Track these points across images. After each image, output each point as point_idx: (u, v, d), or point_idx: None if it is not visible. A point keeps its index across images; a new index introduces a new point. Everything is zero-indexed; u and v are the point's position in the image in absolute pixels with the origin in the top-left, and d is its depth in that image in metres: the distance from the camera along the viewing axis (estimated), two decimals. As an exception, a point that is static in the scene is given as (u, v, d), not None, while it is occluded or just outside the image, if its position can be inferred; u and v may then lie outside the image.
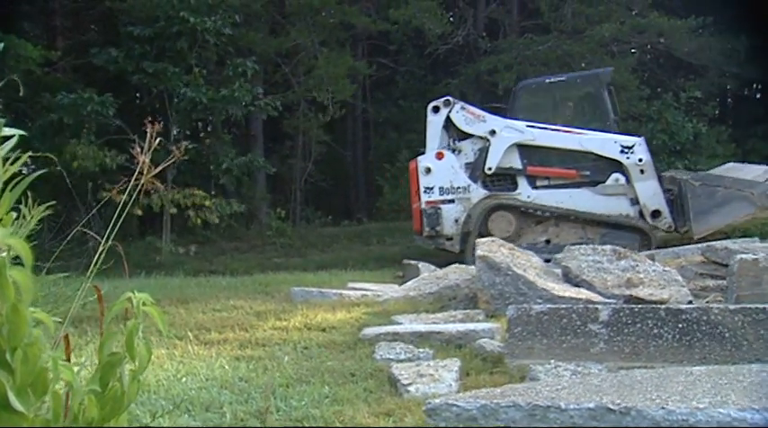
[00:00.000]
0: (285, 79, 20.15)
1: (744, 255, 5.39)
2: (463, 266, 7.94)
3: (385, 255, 16.50)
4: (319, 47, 19.26)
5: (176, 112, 16.28)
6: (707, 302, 5.82)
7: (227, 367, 4.18)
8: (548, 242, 12.26)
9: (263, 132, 21.13)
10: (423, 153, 13.01)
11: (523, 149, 12.26)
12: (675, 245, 10.48)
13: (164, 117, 16.66)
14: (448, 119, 12.68)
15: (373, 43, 24.62)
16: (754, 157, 16.99)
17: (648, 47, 19.52)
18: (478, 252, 6.29)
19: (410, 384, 3.75)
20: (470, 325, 5.30)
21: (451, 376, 3.95)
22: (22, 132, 1.67)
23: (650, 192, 11.67)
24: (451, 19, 22.00)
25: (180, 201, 15.33)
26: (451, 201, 12.49)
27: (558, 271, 6.80)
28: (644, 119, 19.57)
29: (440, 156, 12.59)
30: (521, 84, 13.94)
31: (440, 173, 12.54)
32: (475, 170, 12.48)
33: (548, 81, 13.41)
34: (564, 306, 4.66)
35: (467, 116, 12.57)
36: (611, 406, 2.98)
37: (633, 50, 19.74)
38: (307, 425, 3.12)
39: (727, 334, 4.05)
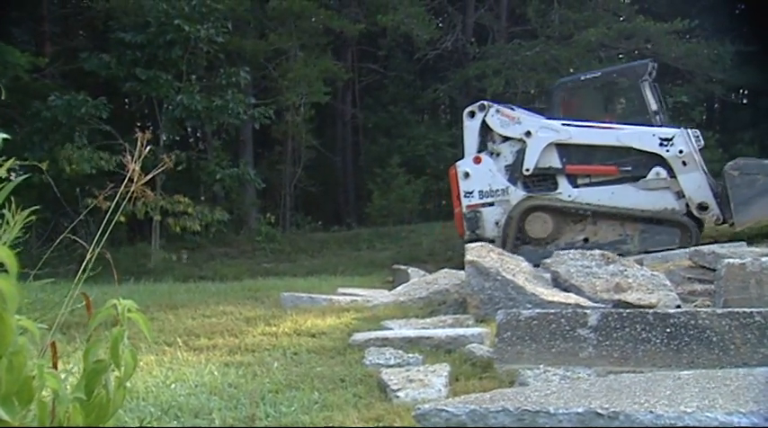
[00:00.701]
0: (274, 85, 20.15)
1: (731, 260, 5.41)
2: (453, 271, 7.93)
3: (375, 261, 16.49)
4: (299, 51, 19.27)
5: (167, 119, 16.24)
6: (695, 306, 5.84)
7: (216, 373, 4.17)
8: (586, 240, 12.08)
9: (253, 138, 21.11)
10: (462, 158, 13.01)
11: (562, 148, 12.12)
12: (712, 242, 10.40)
13: (153, 124, 16.64)
14: (484, 122, 12.68)
15: (362, 49, 24.66)
16: (741, 163, 17.04)
17: (636, 52, 19.63)
18: (467, 257, 6.30)
19: (400, 389, 3.75)
20: (460, 331, 5.30)
21: (441, 381, 3.95)
22: (5, 135, 1.66)
23: (695, 185, 11.29)
24: (440, 25, 22.06)
25: (166, 208, 15.27)
26: (491, 204, 12.49)
27: (548, 275, 6.81)
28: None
29: (477, 160, 12.61)
30: (557, 83, 13.82)
31: (478, 177, 12.56)
32: (514, 172, 12.43)
33: (582, 78, 13.19)
34: (553, 311, 4.67)
35: (502, 119, 12.54)
36: (600, 411, 2.99)
37: (620, 55, 19.84)
38: (296, 430, 3.11)
39: (714, 339, 4.06)
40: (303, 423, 3.16)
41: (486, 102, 12.99)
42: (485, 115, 12.71)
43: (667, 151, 11.32)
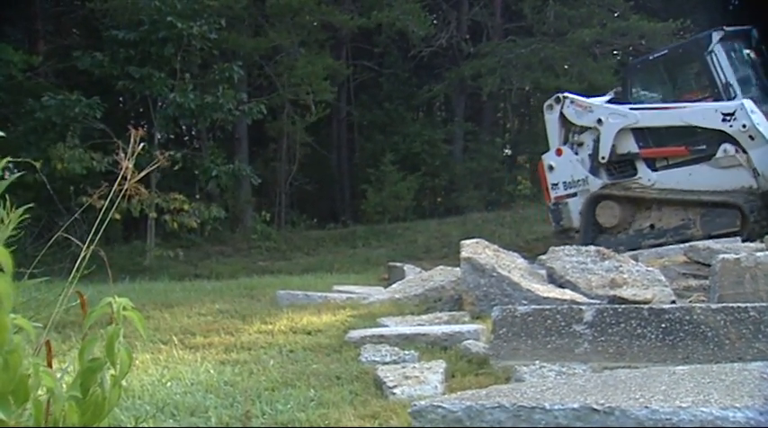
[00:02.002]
0: (269, 82, 20.12)
1: (726, 255, 5.42)
2: (449, 268, 7.93)
3: (370, 258, 16.51)
4: (299, 48, 19.25)
5: (161, 117, 16.21)
6: (690, 302, 5.85)
7: (212, 371, 4.17)
8: (652, 227, 11.96)
9: (248, 135, 21.09)
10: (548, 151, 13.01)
11: (638, 132, 11.94)
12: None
13: (147, 121, 16.61)
14: (562, 114, 12.67)
15: (357, 46, 24.64)
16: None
17: (630, 49, 19.65)
18: (463, 253, 6.30)
19: (396, 386, 3.75)
20: (456, 327, 5.30)
21: (437, 378, 3.95)
22: (1, 134, 1.66)
23: (766, 158, 10.76)
24: (435, 21, 22.05)
25: (161, 206, 15.25)
26: (574, 195, 12.55)
27: (543, 272, 6.82)
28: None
29: (559, 152, 12.69)
30: (628, 67, 13.63)
31: (561, 169, 12.64)
32: (593, 161, 12.40)
33: (651, 58, 12.81)
34: (548, 307, 4.67)
35: (577, 109, 12.49)
36: (596, 407, 2.99)
37: (615, 52, 19.87)
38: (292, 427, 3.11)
39: (709, 334, 4.07)
40: (299, 421, 3.16)
41: (561, 95, 12.92)
42: (561, 107, 12.68)
43: (731, 126, 10.83)
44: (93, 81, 16.81)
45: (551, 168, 12.74)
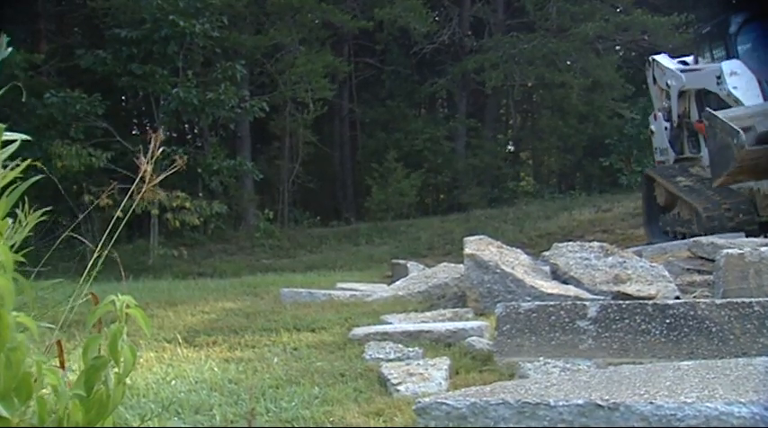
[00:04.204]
0: (271, 79, 20.14)
1: (730, 250, 5.41)
2: (452, 265, 7.92)
3: (373, 255, 16.52)
4: (299, 45, 19.25)
5: (164, 114, 16.24)
6: (694, 297, 5.84)
7: (216, 369, 4.17)
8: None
9: (251, 134, 21.11)
10: None
11: (699, 98, 10.94)
12: None
13: (150, 119, 16.64)
14: (654, 78, 12.14)
15: (359, 43, 24.63)
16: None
17: (633, 44, 19.62)
18: (466, 250, 6.29)
19: (400, 383, 3.75)
20: (459, 324, 5.30)
21: (441, 374, 3.94)
22: (26, 137, 1.67)
23: None
24: (437, 18, 22.04)
25: (164, 203, 15.27)
26: (663, 163, 11.99)
27: (546, 268, 6.81)
28: (636, 116, 19.65)
29: (655, 117, 12.13)
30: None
31: (657, 135, 12.16)
32: (670, 129, 11.73)
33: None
34: (552, 303, 4.67)
35: (658, 72, 11.82)
36: (600, 403, 2.98)
37: (618, 48, 19.85)
38: (297, 426, 3.11)
39: (714, 329, 4.06)
40: (303, 418, 3.16)
41: (651, 57, 12.25)
42: (652, 71, 12.16)
43: (721, 90, 10.02)
44: (96, 80, 16.86)
45: (652, 133, 12.28)
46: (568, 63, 18.94)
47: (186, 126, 21.92)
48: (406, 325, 5.37)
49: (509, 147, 26.67)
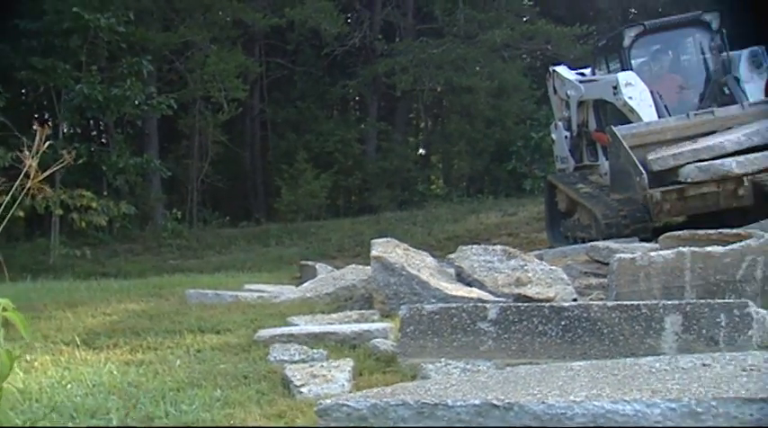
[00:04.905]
0: (180, 77, 19.79)
1: (622, 255, 5.64)
2: (360, 267, 7.97)
3: (283, 256, 16.45)
4: (210, 44, 18.99)
5: (66, 109, 15.74)
6: (590, 300, 6.06)
7: (115, 372, 4.10)
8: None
9: (158, 131, 20.69)
10: None
11: (597, 108, 11.29)
12: None
13: (52, 115, 16.10)
14: (554, 87, 12.32)
15: (270, 43, 24.44)
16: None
17: (537, 53, 20.20)
18: (373, 252, 6.36)
19: (303, 385, 3.78)
20: (365, 326, 5.35)
21: (344, 376, 3.99)
22: None
23: None
24: (348, 20, 22.10)
25: (67, 202, 14.80)
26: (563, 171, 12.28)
27: (452, 270, 6.93)
28: (535, 122, 20.18)
29: (556, 126, 12.41)
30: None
31: (557, 143, 12.44)
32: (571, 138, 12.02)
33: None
34: (454, 305, 4.78)
35: (557, 82, 12.13)
36: (496, 402, 3.09)
37: (524, 56, 20.36)
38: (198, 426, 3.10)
39: (605, 330, 4.24)
40: (204, 421, 3.15)
41: (552, 68, 12.50)
42: (552, 80, 12.45)
43: (618, 100, 10.24)
44: (-6, 72, 16.20)
45: (553, 141, 12.57)
46: (477, 69, 19.34)
47: (91, 122, 21.28)
48: (312, 327, 5.39)
49: (420, 151, 26.95)
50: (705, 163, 8.22)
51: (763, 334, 4.12)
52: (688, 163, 8.42)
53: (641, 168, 8.53)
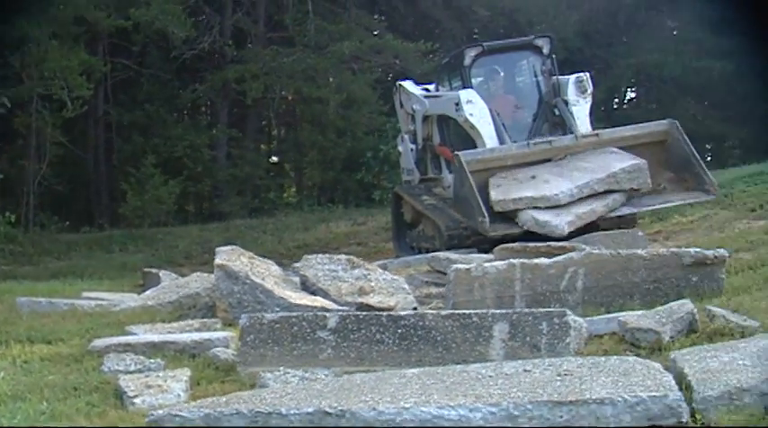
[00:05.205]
0: (15, 73, 18.70)
1: (458, 266, 5.89)
2: (205, 275, 7.86)
3: (127, 263, 15.88)
4: (50, 40, 18.06)
5: None
6: (430, 308, 6.28)
7: (-70, 387, 3.86)
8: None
9: (-9, 130, 19.48)
10: None
11: (441, 123, 11.56)
12: None
13: None
14: (401, 102, 12.51)
15: (114, 42, 23.54)
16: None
17: (386, 66, 20.66)
18: (216, 260, 6.30)
19: (136, 396, 3.71)
20: (206, 335, 5.31)
21: (180, 386, 3.95)
22: None
23: None
24: (197, 24, 21.66)
25: None
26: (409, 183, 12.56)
27: (297, 279, 6.98)
28: (384, 134, 20.59)
29: (402, 138, 12.73)
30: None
31: (404, 156, 12.69)
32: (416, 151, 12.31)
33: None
34: (295, 314, 4.83)
35: (404, 97, 12.39)
36: (329, 410, 3.17)
37: (374, 69, 20.72)
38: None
39: (439, 338, 4.42)
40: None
41: (399, 82, 12.65)
42: (398, 95, 12.58)
43: (460, 116, 10.45)
44: None
45: (400, 154, 12.72)
46: (329, 80, 19.50)
47: None
48: (151, 336, 5.29)
49: (273, 159, 26.81)
50: (541, 217, 8.73)
51: (580, 341, 4.43)
52: (527, 208, 8.93)
53: (484, 210, 8.93)
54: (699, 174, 9.29)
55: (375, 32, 19.83)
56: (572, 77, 10.48)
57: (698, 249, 5.58)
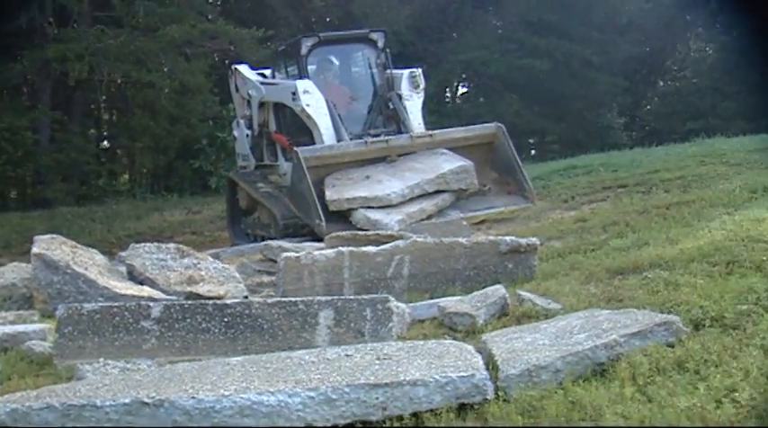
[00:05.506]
0: None
1: (288, 254, 5.92)
2: (23, 265, 7.46)
3: (-63, 255, 14.77)
4: None
5: None
6: (261, 297, 6.28)
7: None
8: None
9: None
10: None
11: (277, 110, 11.52)
12: None
13: None
14: (236, 86, 12.33)
15: None
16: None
17: (221, 52, 20.24)
18: (34, 249, 6.01)
19: (-66, 394, 3.50)
20: (20, 327, 5.08)
21: (-13, 382, 3.76)
22: None
23: None
24: (12, -1, 20.26)
25: None
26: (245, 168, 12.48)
27: (124, 269, 6.78)
28: (220, 121, 20.24)
29: (238, 123, 12.48)
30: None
31: (239, 141, 12.47)
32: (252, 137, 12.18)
33: None
34: (117, 304, 4.70)
35: (239, 81, 12.23)
36: (146, 400, 3.13)
37: (210, 55, 20.25)
38: None
39: (265, 326, 4.45)
40: None
41: (234, 66, 12.35)
42: (234, 79, 12.27)
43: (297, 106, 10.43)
44: None
45: (235, 138, 12.46)
46: (160, 64, 18.87)
47: None
48: (-45, 332, 4.98)
49: (104, 144, 25.64)
50: (373, 216, 8.95)
51: (403, 326, 4.59)
52: (360, 207, 9.10)
53: (321, 213, 9.04)
54: (520, 181, 9.84)
55: (209, 17, 19.34)
56: (405, 72, 10.74)
57: (513, 238, 5.91)
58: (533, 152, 26.35)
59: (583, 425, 2.95)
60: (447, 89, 27.26)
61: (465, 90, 28.57)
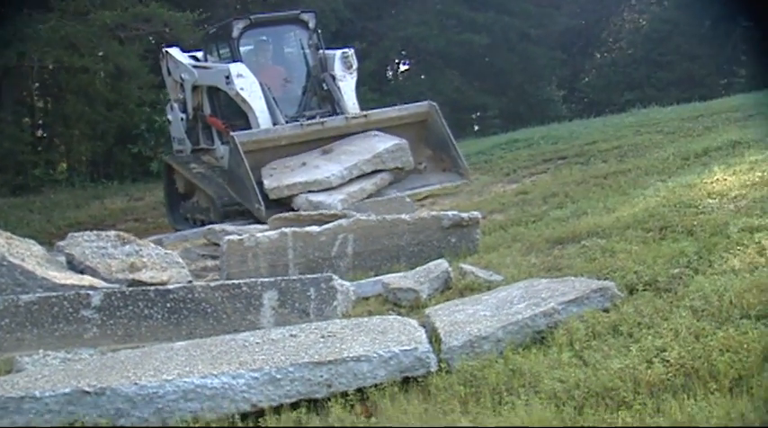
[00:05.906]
0: None
1: (231, 237, 5.88)
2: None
3: None
4: None
5: None
6: (206, 282, 6.23)
7: None
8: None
9: None
10: None
11: (212, 94, 11.41)
12: None
13: None
14: (168, 69, 12.14)
15: None
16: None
17: (156, 35, 19.85)
18: (-39, 243, 5.86)
19: None
20: (-46, 323, 4.93)
21: None
22: None
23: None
24: None
25: None
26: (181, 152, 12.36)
27: (62, 258, 6.65)
28: (158, 105, 19.89)
29: (172, 107, 12.43)
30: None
31: (173, 125, 12.49)
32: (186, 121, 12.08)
33: None
34: (55, 294, 4.63)
35: (171, 64, 12.03)
36: (87, 389, 3.10)
37: (145, 38, 19.85)
38: None
39: (209, 310, 4.43)
40: None
41: (165, 49, 12.13)
42: (166, 62, 11.97)
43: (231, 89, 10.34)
44: None
45: (169, 122, 12.32)
46: (95, 47, 18.42)
47: None
48: None
49: (39, 133, 25.00)
50: (315, 198, 8.94)
51: (348, 304, 4.61)
52: (301, 193, 9.06)
53: (260, 197, 8.99)
54: (454, 158, 9.90)
55: (141, 0, 18.93)
56: (338, 53, 10.71)
57: (455, 212, 5.96)
58: (476, 127, 26.49)
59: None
60: (388, 67, 27.22)
61: (406, 67, 28.56)
